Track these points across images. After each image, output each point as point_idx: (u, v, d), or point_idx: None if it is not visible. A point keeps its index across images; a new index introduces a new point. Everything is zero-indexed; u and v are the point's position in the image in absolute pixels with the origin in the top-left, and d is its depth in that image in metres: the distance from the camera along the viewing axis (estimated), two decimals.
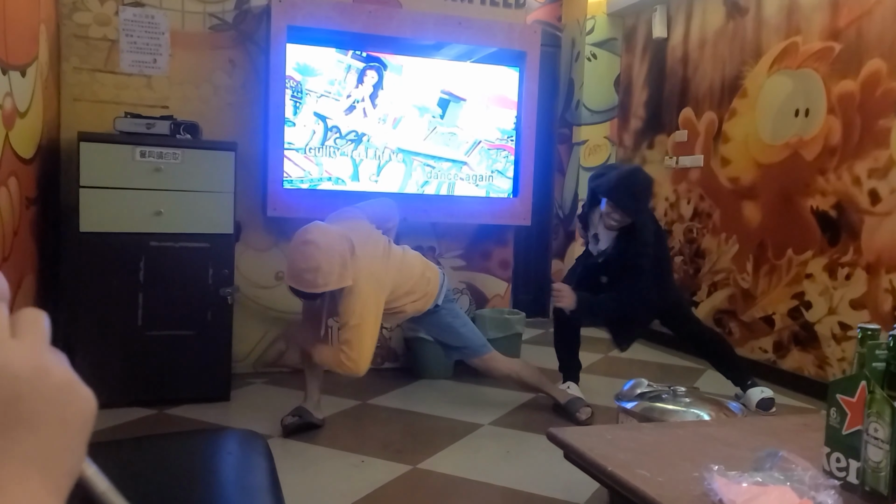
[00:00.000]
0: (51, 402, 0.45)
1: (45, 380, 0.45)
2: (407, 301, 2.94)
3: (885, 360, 1.03)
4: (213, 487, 1.39)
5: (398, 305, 2.93)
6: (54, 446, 0.45)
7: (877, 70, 3.35)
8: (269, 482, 1.45)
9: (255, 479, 1.45)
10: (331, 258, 2.62)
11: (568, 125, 5.47)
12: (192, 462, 1.51)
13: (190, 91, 3.43)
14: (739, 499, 0.98)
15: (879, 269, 3.33)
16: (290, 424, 2.85)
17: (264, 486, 1.42)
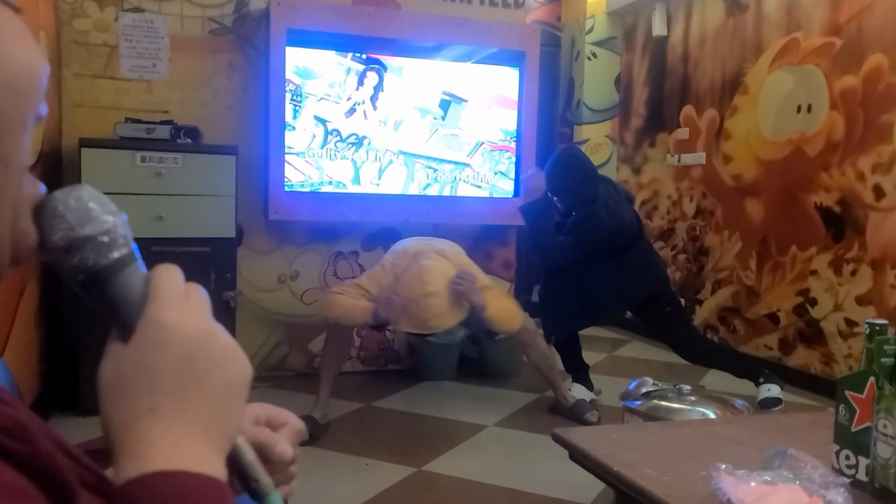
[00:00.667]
0: (217, 364, 0.48)
1: (213, 343, 0.48)
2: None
3: (893, 356, 1.02)
4: None
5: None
6: (219, 408, 0.47)
7: (878, 65, 3.33)
8: None
9: None
10: (446, 300, 2.81)
11: (569, 124, 5.46)
12: None
13: (190, 95, 3.42)
14: (748, 498, 0.96)
15: (885, 265, 3.31)
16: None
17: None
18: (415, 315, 2.79)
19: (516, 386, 3.68)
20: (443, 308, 2.79)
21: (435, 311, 2.77)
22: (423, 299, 2.75)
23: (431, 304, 2.76)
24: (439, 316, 2.79)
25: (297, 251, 3.70)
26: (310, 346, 3.75)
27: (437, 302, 2.77)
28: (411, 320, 2.81)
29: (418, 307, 2.76)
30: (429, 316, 2.77)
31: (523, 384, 3.69)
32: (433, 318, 2.79)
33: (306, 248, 3.72)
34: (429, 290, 2.76)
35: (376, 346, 3.88)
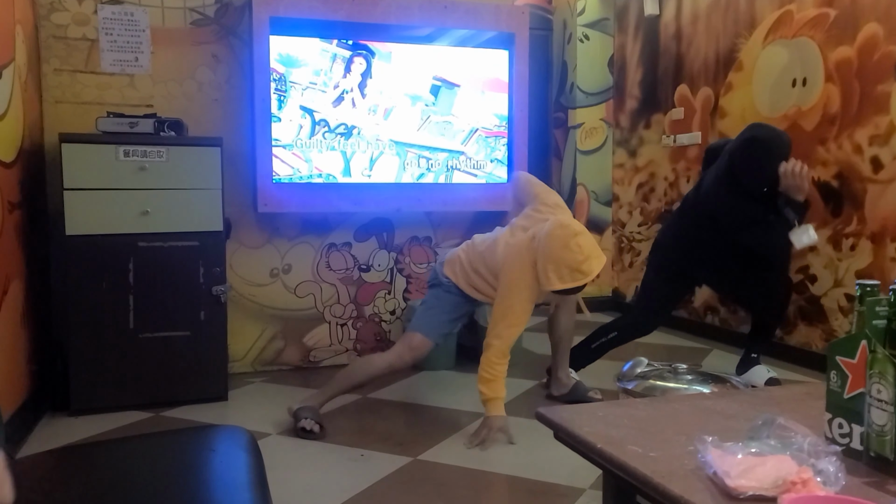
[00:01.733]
0: None
1: None
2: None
3: (886, 318, 0.97)
4: (191, 485, 1.34)
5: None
6: None
7: (873, 34, 3.27)
8: (252, 478, 1.40)
9: (237, 474, 1.40)
10: (594, 244, 2.69)
11: (563, 109, 5.40)
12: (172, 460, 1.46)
13: (174, 88, 3.38)
14: (734, 470, 0.92)
15: (884, 238, 3.25)
16: (310, 429, 2.75)
17: (245, 482, 1.37)
18: (568, 262, 2.59)
19: (514, 373, 3.61)
20: (592, 249, 2.63)
21: (586, 252, 2.60)
22: (574, 238, 2.60)
23: (582, 243, 2.60)
24: (589, 257, 2.61)
25: (288, 244, 3.66)
26: (305, 339, 3.71)
27: (586, 241, 2.63)
28: (561, 273, 2.61)
29: (569, 251, 2.59)
30: (581, 257, 2.59)
31: (521, 372, 3.65)
32: (585, 261, 2.60)
33: (298, 241, 3.67)
34: (577, 230, 2.63)
35: (373, 337, 3.84)
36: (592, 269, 2.63)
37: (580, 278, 2.61)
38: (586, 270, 2.60)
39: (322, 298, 3.73)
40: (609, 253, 5.32)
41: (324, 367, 3.73)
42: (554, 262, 2.61)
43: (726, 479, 0.92)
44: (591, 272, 2.62)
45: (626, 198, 5.19)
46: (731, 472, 0.92)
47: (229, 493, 1.32)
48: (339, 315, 3.77)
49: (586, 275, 2.62)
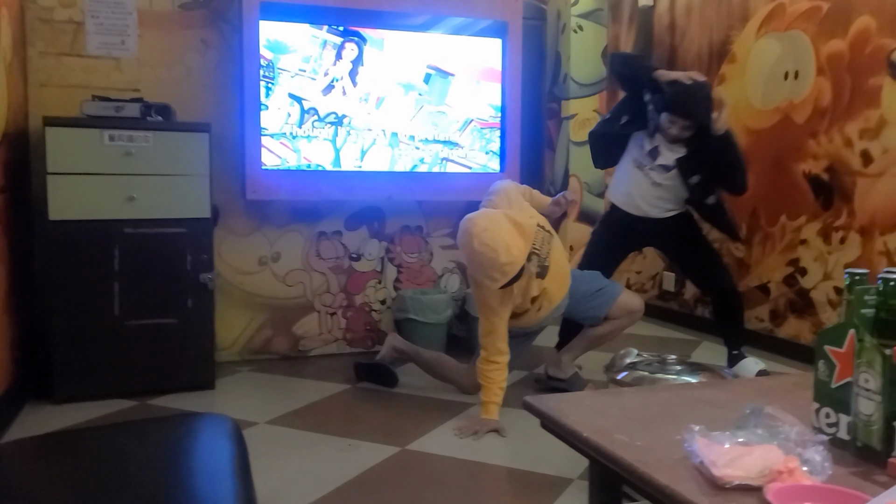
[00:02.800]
0: None
1: None
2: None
3: (874, 307, 0.96)
4: (174, 472, 1.32)
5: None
6: None
7: (866, 27, 3.26)
8: (235, 466, 1.38)
9: (220, 463, 1.39)
10: (504, 227, 2.57)
11: (556, 100, 5.37)
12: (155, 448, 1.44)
13: (162, 73, 3.33)
14: (720, 460, 0.91)
15: (873, 232, 3.25)
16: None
17: (228, 470, 1.35)
18: (487, 265, 2.54)
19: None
20: (503, 236, 2.54)
21: (496, 245, 2.52)
22: (475, 239, 2.53)
23: (487, 240, 2.52)
24: (507, 246, 2.54)
25: (277, 232, 3.63)
26: (294, 328, 3.69)
27: (490, 235, 2.54)
28: (491, 275, 2.56)
29: (479, 255, 2.54)
30: (494, 254, 2.52)
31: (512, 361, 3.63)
32: (501, 253, 2.52)
33: (287, 229, 3.65)
34: (476, 231, 2.53)
35: (363, 327, 3.82)
36: (514, 258, 2.52)
37: (508, 269, 2.53)
38: (506, 261, 2.51)
39: (312, 287, 3.71)
40: None
41: (313, 357, 3.72)
42: (477, 268, 2.57)
43: (713, 469, 0.90)
44: (514, 261, 2.53)
45: None
46: (718, 461, 0.91)
47: (212, 481, 1.30)
48: (328, 304, 3.75)
49: (511, 265, 2.52)
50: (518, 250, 2.55)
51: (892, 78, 3.14)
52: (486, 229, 2.53)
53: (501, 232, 2.54)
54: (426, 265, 3.94)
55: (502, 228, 2.56)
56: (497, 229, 2.54)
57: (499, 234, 2.53)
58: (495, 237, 2.52)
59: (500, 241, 2.51)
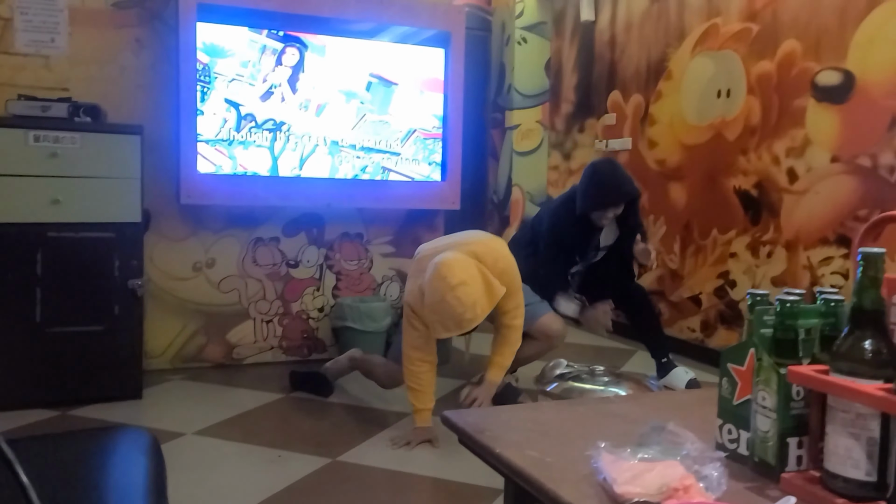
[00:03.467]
0: None
1: None
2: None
3: (773, 327, 0.99)
4: (80, 492, 1.28)
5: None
6: None
7: (792, 50, 3.38)
8: (149, 481, 1.34)
9: (133, 480, 1.35)
10: (479, 284, 2.49)
11: (500, 110, 5.43)
12: (63, 465, 1.39)
13: (93, 72, 3.24)
14: (622, 476, 0.92)
15: (798, 246, 3.38)
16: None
17: (141, 489, 1.31)
18: (448, 317, 2.45)
19: (444, 373, 3.62)
20: (475, 296, 2.46)
21: (468, 302, 2.42)
22: (450, 291, 2.42)
23: (461, 296, 2.42)
24: (474, 305, 2.44)
25: (213, 237, 3.56)
26: (228, 336, 3.62)
27: (466, 291, 2.43)
28: (447, 326, 2.49)
29: (448, 306, 2.43)
30: (461, 311, 2.42)
31: (451, 371, 3.65)
32: (467, 311, 2.43)
33: (223, 234, 3.58)
34: (453, 283, 2.42)
35: (300, 335, 3.78)
36: (477, 316, 2.47)
37: (466, 325, 2.48)
38: (470, 318, 2.45)
39: (247, 294, 3.65)
40: None
41: (247, 365, 3.65)
42: (437, 314, 2.47)
43: (614, 486, 0.92)
44: (475, 319, 2.47)
45: None
46: (619, 478, 0.92)
47: (120, 500, 1.26)
48: (264, 311, 3.70)
49: (471, 322, 2.47)
50: (482, 310, 2.49)
51: (815, 100, 3.27)
52: (464, 283, 2.43)
53: (476, 290, 2.46)
54: (366, 273, 3.92)
55: (477, 286, 2.48)
56: (473, 285, 2.46)
57: (473, 292, 2.45)
58: (469, 294, 2.43)
59: (472, 300, 2.44)
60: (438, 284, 2.43)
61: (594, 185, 3.17)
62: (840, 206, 3.17)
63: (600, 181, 3.17)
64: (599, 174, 3.20)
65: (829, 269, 3.22)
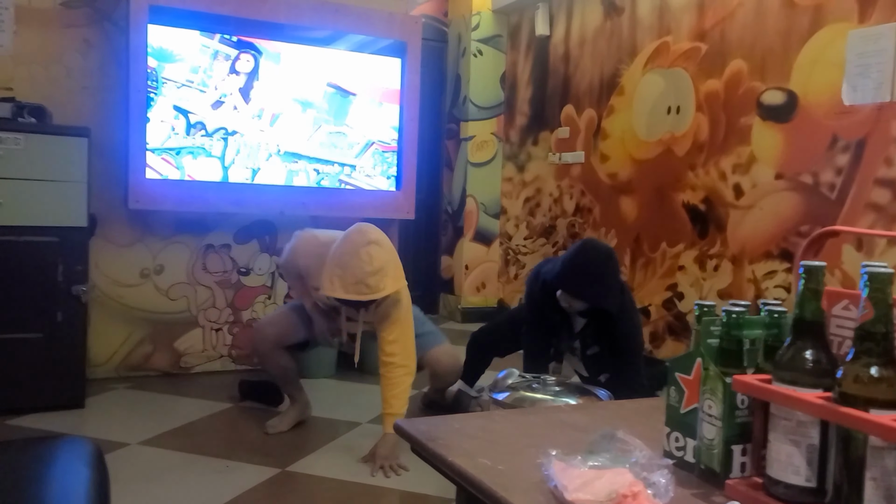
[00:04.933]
0: None
1: None
2: None
3: (719, 337, 1.02)
4: (18, 502, 1.23)
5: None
6: None
7: (739, 70, 3.49)
8: (91, 493, 1.31)
9: (74, 492, 1.31)
10: (393, 258, 2.47)
11: (456, 121, 5.46)
12: (1, 474, 1.34)
13: (38, 72, 3.15)
14: (572, 483, 0.93)
15: (743, 260, 3.48)
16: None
17: (82, 497, 1.27)
18: (351, 271, 2.34)
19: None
20: (384, 261, 2.39)
21: (376, 264, 2.34)
22: (364, 248, 2.36)
23: (373, 253, 2.36)
24: (380, 271, 2.36)
25: (161, 243, 3.49)
26: (176, 344, 3.55)
27: (379, 252, 2.38)
28: (346, 282, 2.35)
29: (358, 259, 2.35)
30: (370, 269, 2.33)
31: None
32: (373, 274, 2.34)
33: (172, 241, 3.51)
34: (371, 238, 2.39)
35: (250, 344, 3.71)
36: (380, 287, 2.37)
37: (365, 292, 2.35)
38: (372, 286, 2.35)
39: (196, 301, 3.58)
40: (495, 265, 5.42)
41: (195, 374, 3.58)
42: (341, 267, 2.37)
43: (564, 493, 0.93)
44: (377, 289, 2.36)
45: (514, 211, 5.30)
46: (570, 485, 0.93)
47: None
48: (214, 319, 3.63)
49: (372, 290, 2.36)
50: (383, 285, 2.41)
51: (760, 118, 3.38)
52: (379, 244, 2.43)
53: (387, 257, 2.44)
54: None
55: (390, 255, 2.47)
56: (387, 252, 2.45)
57: (384, 256, 2.42)
58: (381, 256, 2.41)
59: (381, 263, 2.40)
60: (356, 237, 2.41)
61: (569, 263, 2.63)
62: (783, 221, 3.28)
63: (577, 264, 2.62)
64: (581, 257, 2.63)
65: (773, 282, 3.32)
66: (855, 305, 0.95)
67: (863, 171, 2.94)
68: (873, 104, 2.86)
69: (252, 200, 3.54)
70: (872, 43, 2.85)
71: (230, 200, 3.50)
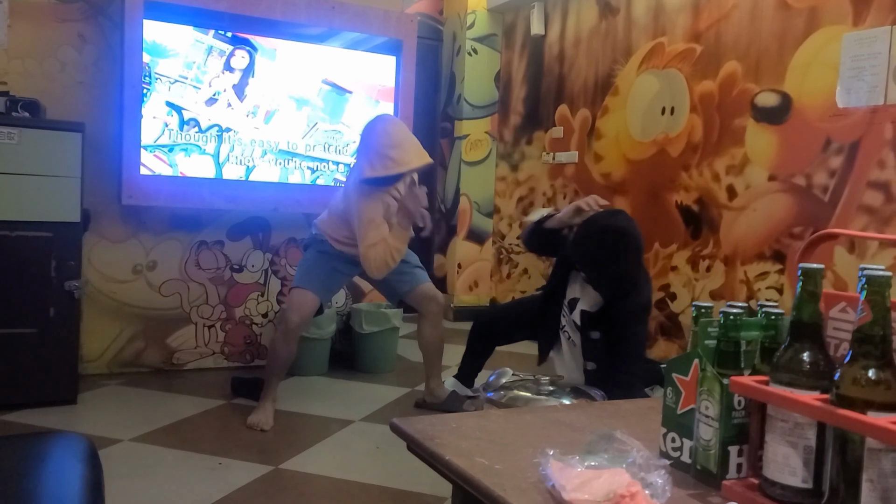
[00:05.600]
0: None
1: None
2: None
3: (716, 338, 1.02)
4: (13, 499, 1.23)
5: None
6: None
7: (733, 71, 3.51)
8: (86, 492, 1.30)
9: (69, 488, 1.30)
10: (411, 135, 2.80)
11: (450, 119, 5.46)
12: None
13: (32, 66, 3.13)
14: (570, 483, 0.94)
15: (735, 261, 3.49)
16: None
17: (76, 495, 1.27)
18: (411, 142, 2.78)
19: (388, 381, 3.62)
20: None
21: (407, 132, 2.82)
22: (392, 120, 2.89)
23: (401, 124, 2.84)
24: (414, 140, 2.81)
25: (154, 239, 3.48)
26: (168, 340, 3.53)
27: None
28: (417, 151, 2.78)
29: (406, 132, 2.81)
30: (403, 136, 2.78)
31: (395, 379, 3.64)
32: (408, 138, 2.79)
33: (165, 237, 3.50)
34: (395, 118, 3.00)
35: (242, 341, 3.71)
36: (404, 160, 2.66)
37: (391, 166, 2.65)
38: (396, 158, 2.64)
39: (189, 298, 3.57)
40: (488, 264, 5.43)
41: (187, 370, 3.57)
42: (363, 149, 2.71)
43: (562, 493, 0.93)
44: (402, 161, 2.66)
45: (507, 210, 5.31)
46: (568, 485, 0.94)
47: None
48: (206, 316, 3.62)
49: (397, 163, 2.65)
50: (414, 159, 2.73)
51: (754, 120, 3.39)
52: (399, 125, 2.82)
53: (409, 139, 2.77)
54: None
55: (408, 136, 2.79)
56: (404, 133, 2.79)
57: (406, 137, 2.76)
58: (403, 135, 2.77)
59: (405, 140, 2.74)
60: (373, 121, 2.85)
61: (583, 228, 2.48)
62: (776, 223, 3.30)
63: (588, 231, 2.45)
64: (592, 229, 2.44)
65: (765, 283, 3.34)
66: (852, 308, 0.96)
67: (856, 174, 2.96)
68: (867, 107, 2.88)
69: (246, 197, 3.53)
70: (867, 46, 2.87)
71: (224, 197, 3.48)
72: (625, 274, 2.48)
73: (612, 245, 2.43)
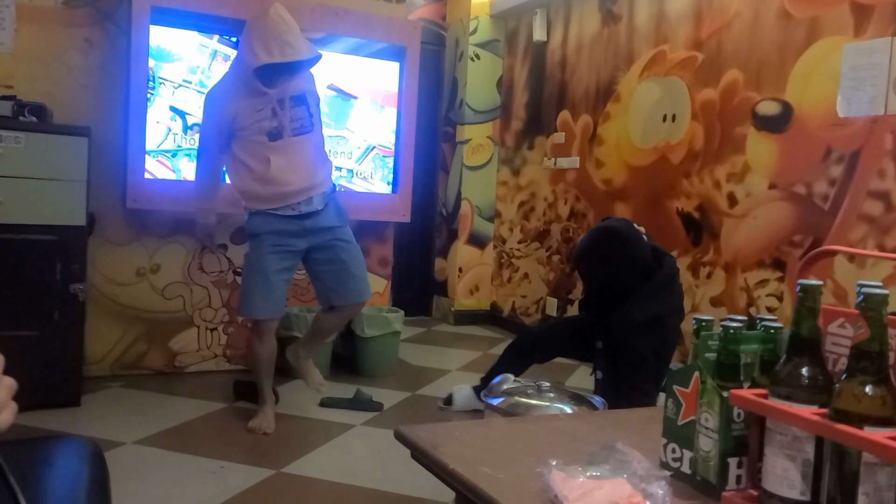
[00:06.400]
0: None
1: None
2: None
3: (717, 351, 1.04)
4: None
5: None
6: None
7: (734, 80, 3.53)
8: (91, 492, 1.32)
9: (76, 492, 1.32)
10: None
11: (452, 124, 5.48)
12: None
13: (38, 70, 3.15)
14: (573, 494, 0.96)
15: (736, 269, 3.51)
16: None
17: (82, 498, 1.29)
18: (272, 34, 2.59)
19: (388, 385, 3.64)
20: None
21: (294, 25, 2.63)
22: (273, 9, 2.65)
23: (282, 13, 2.63)
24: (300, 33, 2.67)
25: (158, 243, 3.49)
26: (170, 343, 3.55)
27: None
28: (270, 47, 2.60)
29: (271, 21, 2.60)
30: (285, 27, 2.60)
31: (396, 383, 3.66)
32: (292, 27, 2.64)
33: (169, 240, 3.52)
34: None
35: (244, 343, 3.73)
36: (300, 47, 2.53)
37: (289, 53, 2.49)
38: (294, 44, 2.51)
39: (192, 301, 3.59)
40: (489, 268, 5.44)
41: (190, 373, 3.59)
42: (257, 32, 2.51)
43: (565, 503, 0.95)
44: (299, 49, 2.52)
45: (508, 215, 5.33)
46: (570, 495, 0.96)
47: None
48: (209, 319, 3.64)
49: (295, 49, 2.51)
50: (304, 48, 2.59)
51: (755, 128, 3.41)
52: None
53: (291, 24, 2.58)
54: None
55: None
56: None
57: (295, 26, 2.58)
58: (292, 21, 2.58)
59: (296, 28, 2.57)
60: (268, 6, 2.56)
61: (587, 239, 2.48)
62: (776, 231, 3.32)
63: (587, 245, 2.47)
64: (599, 235, 2.46)
65: (765, 290, 3.35)
66: (850, 324, 0.98)
67: (856, 183, 2.98)
68: (867, 117, 2.90)
69: None
70: (867, 56, 2.89)
71: (227, 200, 3.49)
72: (609, 273, 2.49)
73: (600, 244, 2.49)
